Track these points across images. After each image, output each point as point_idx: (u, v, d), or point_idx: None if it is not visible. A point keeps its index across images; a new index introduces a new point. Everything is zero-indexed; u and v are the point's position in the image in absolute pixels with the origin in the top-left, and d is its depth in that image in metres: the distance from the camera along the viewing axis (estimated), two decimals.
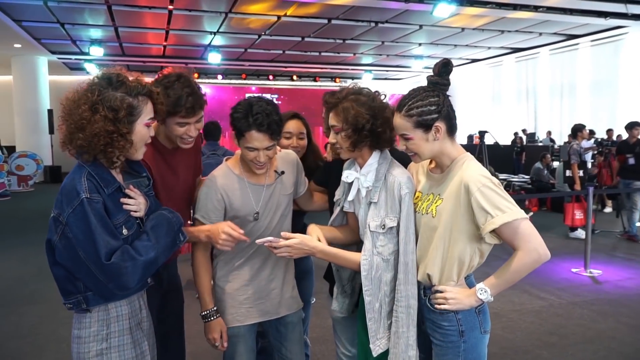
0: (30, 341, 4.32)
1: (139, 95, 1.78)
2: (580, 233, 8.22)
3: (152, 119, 1.86)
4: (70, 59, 17.67)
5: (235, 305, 2.30)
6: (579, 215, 8.23)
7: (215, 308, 2.25)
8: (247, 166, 2.26)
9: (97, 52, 14.82)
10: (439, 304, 1.93)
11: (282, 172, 2.35)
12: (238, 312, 2.30)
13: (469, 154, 1.99)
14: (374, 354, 2.04)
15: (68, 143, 1.73)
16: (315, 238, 2.10)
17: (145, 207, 1.88)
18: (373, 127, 2.02)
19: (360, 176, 2.09)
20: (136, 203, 1.83)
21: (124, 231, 1.75)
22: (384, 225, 2.01)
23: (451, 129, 1.95)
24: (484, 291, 1.88)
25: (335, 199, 2.28)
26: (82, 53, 16.42)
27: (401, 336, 1.97)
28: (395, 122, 1.95)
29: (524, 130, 17.93)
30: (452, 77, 1.98)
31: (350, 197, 2.16)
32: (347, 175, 2.13)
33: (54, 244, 1.71)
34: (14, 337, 4.42)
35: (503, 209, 1.79)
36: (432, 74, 1.97)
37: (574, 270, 6.43)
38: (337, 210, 2.26)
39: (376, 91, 2.14)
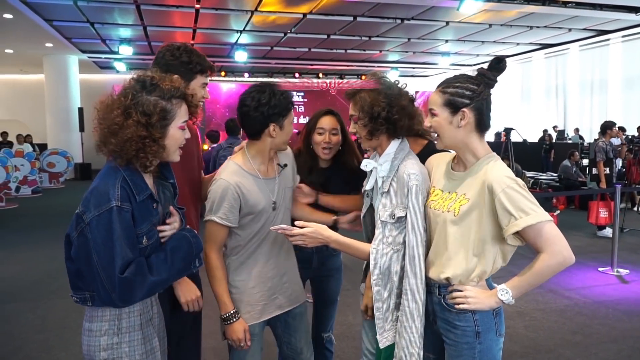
0: (57, 334, 4.42)
1: (173, 99, 1.75)
2: (608, 232, 8.05)
3: (187, 122, 1.83)
4: (100, 57, 17.94)
5: (251, 303, 2.30)
6: (603, 213, 8.06)
7: (235, 310, 2.24)
8: (257, 160, 2.28)
9: (126, 51, 15.03)
10: (458, 303, 1.88)
11: (285, 165, 2.38)
12: (255, 310, 2.30)
13: (495, 154, 1.95)
14: (381, 346, 2.02)
15: (103, 147, 1.71)
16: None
17: (178, 229, 1.88)
18: (389, 114, 2.02)
19: (378, 165, 2.08)
20: (172, 228, 1.83)
21: (144, 240, 1.73)
22: (393, 215, 1.99)
23: (480, 124, 1.92)
24: (505, 292, 1.84)
25: (362, 190, 2.27)
26: (112, 52, 16.66)
27: (404, 331, 1.94)
28: (431, 96, 1.96)
29: (554, 127, 17.60)
30: None
31: (368, 186, 2.15)
32: (366, 164, 2.13)
33: (72, 239, 1.71)
34: (41, 330, 4.53)
35: (527, 211, 1.75)
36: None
37: (600, 269, 6.31)
38: (365, 202, 2.24)
39: (396, 81, 2.14)
